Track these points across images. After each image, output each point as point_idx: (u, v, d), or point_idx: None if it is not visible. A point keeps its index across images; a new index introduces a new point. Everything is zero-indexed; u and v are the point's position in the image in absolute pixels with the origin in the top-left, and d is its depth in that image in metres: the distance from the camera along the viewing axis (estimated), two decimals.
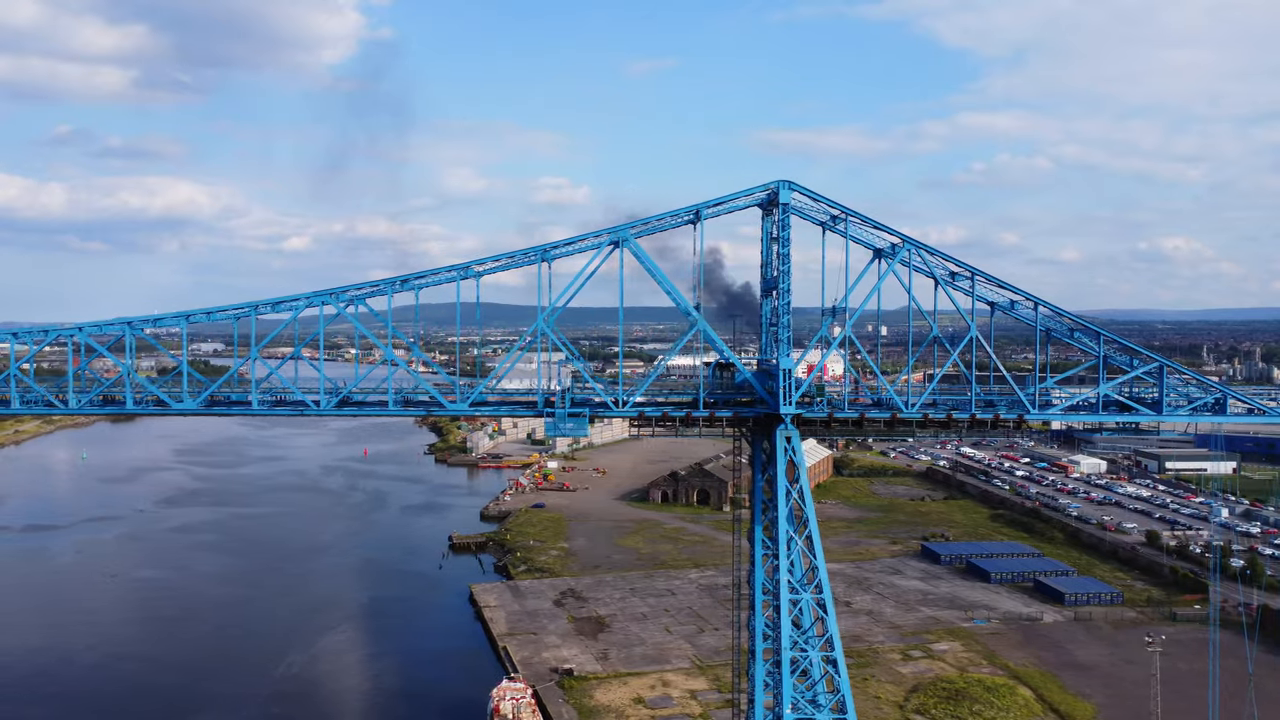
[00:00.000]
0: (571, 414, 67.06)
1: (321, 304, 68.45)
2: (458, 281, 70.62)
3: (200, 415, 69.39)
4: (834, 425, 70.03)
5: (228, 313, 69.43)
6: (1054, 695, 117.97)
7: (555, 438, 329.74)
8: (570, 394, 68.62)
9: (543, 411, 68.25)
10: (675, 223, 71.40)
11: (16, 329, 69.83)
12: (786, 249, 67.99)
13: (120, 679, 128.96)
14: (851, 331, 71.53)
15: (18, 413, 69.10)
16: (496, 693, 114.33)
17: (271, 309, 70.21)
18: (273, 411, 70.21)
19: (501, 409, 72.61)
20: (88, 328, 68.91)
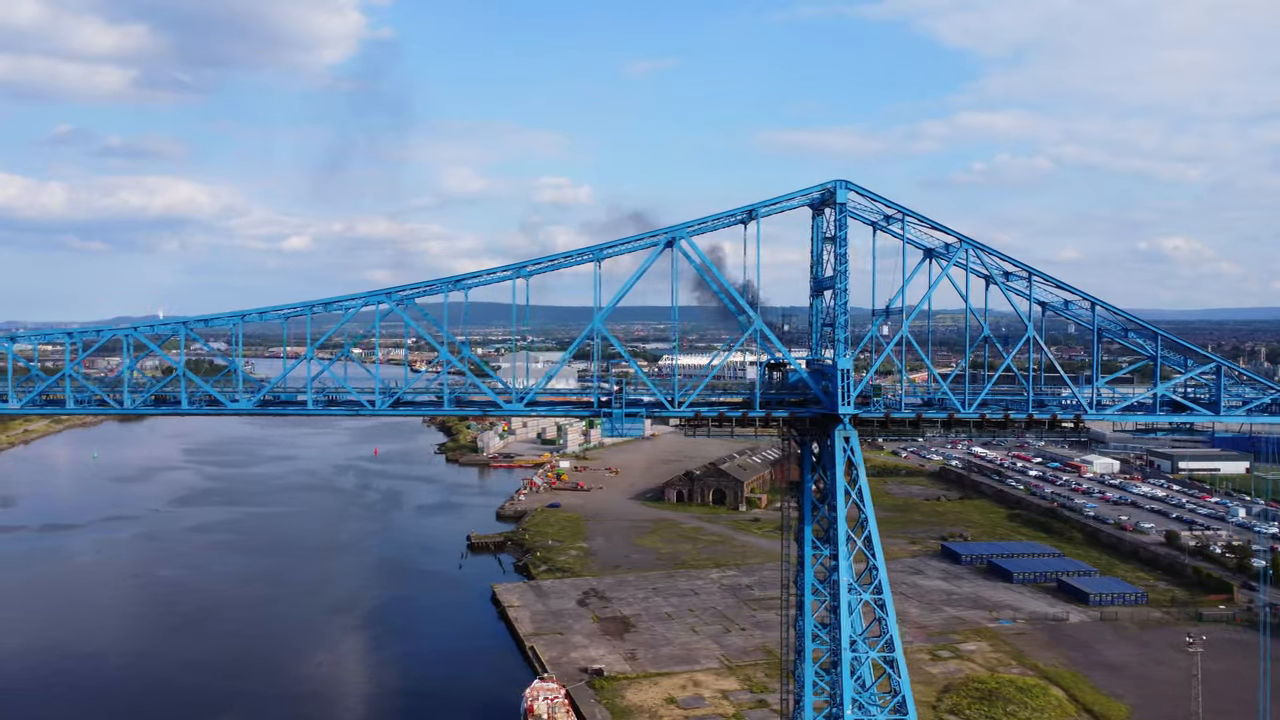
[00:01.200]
0: (628, 414, 66.83)
1: (377, 303, 68.26)
2: (513, 281, 70.36)
3: (254, 415, 69.21)
4: (890, 425, 69.82)
5: (281, 312, 69.20)
6: (1086, 696, 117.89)
7: (563, 438, 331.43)
8: (625, 394, 68.40)
9: (599, 412, 68.03)
10: (728, 222, 71.24)
11: (71, 328, 69.55)
12: (844, 249, 67.76)
13: (148, 678, 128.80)
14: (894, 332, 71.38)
15: (72, 412, 68.90)
16: (529, 693, 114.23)
17: (325, 308, 70.01)
18: (326, 411, 70.02)
19: (557, 409, 72.50)
20: (142, 327, 68.73)
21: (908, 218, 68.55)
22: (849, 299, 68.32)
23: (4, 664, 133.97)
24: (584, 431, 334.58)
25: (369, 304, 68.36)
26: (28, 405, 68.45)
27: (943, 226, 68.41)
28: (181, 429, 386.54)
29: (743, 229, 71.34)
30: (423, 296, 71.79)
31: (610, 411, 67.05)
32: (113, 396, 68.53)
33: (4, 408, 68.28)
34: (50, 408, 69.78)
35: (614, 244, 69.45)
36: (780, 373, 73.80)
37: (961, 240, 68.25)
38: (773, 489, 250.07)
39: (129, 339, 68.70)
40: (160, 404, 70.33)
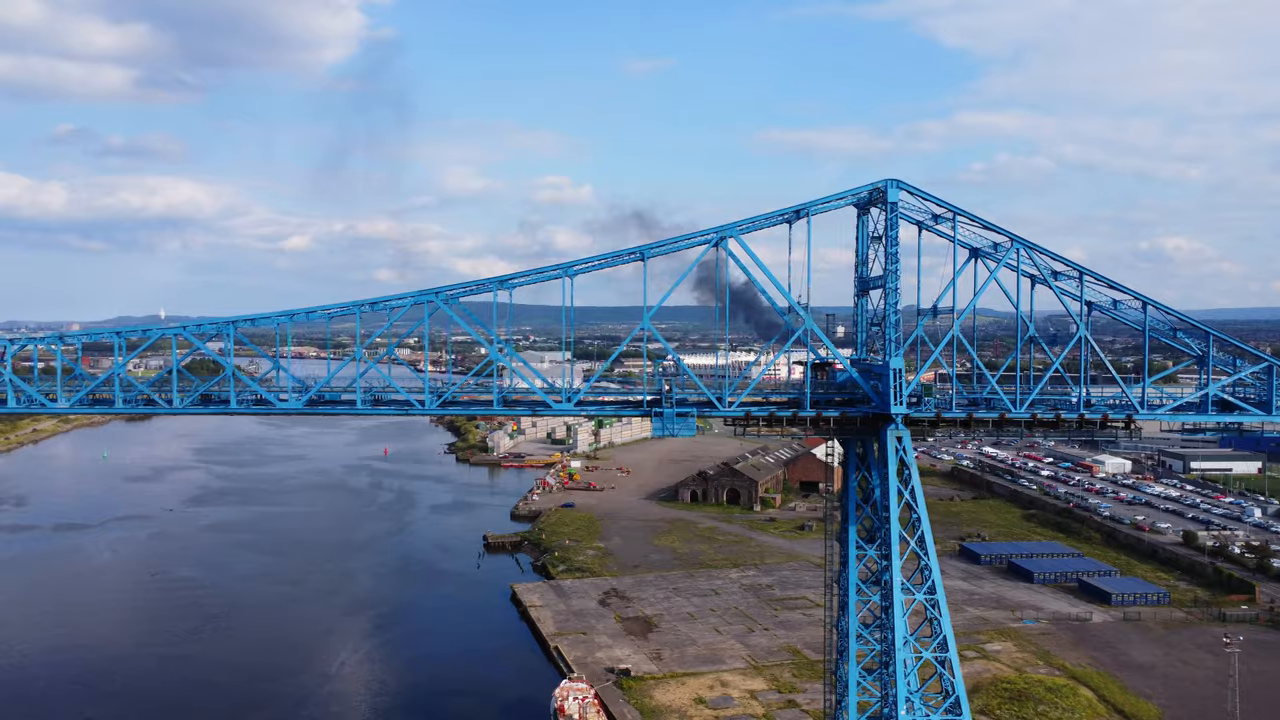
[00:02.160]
0: (680, 414, 66.69)
1: (427, 302, 68.11)
2: (564, 280, 70.25)
3: (304, 414, 69.09)
4: (941, 425, 69.67)
5: (330, 311, 69.08)
6: (1115, 696, 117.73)
7: (573, 438, 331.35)
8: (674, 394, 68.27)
9: (649, 412, 67.86)
10: (775, 221, 71.12)
11: (120, 328, 69.38)
12: (895, 248, 67.63)
13: (178, 678, 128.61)
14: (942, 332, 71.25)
15: (119, 411, 68.70)
16: (559, 692, 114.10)
17: (371, 308, 69.88)
18: (375, 411, 69.83)
19: (608, 409, 72.32)
20: (190, 326, 68.59)
21: (959, 217, 68.32)
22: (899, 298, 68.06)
23: (32, 664, 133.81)
24: (594, 431, 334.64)
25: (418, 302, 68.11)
26: (76, 404, 68.33)
27: (995, 226, 68.33)
28: (189, 429, 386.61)
29: (787, 228, 71.33)
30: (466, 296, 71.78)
31: (661, 411, 66.82)
32: (162, 397, 68.39)
33: (53, 406, 68.17)
34: (99, 407, 69.64)
35: (662, 243, 69.34)
36: (825, 372, 73.67)
37: (1013, 240, 68.10)
38: (786, 489, 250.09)
39: (175, 338, 68.57)
40: (207, 403, 70.14)
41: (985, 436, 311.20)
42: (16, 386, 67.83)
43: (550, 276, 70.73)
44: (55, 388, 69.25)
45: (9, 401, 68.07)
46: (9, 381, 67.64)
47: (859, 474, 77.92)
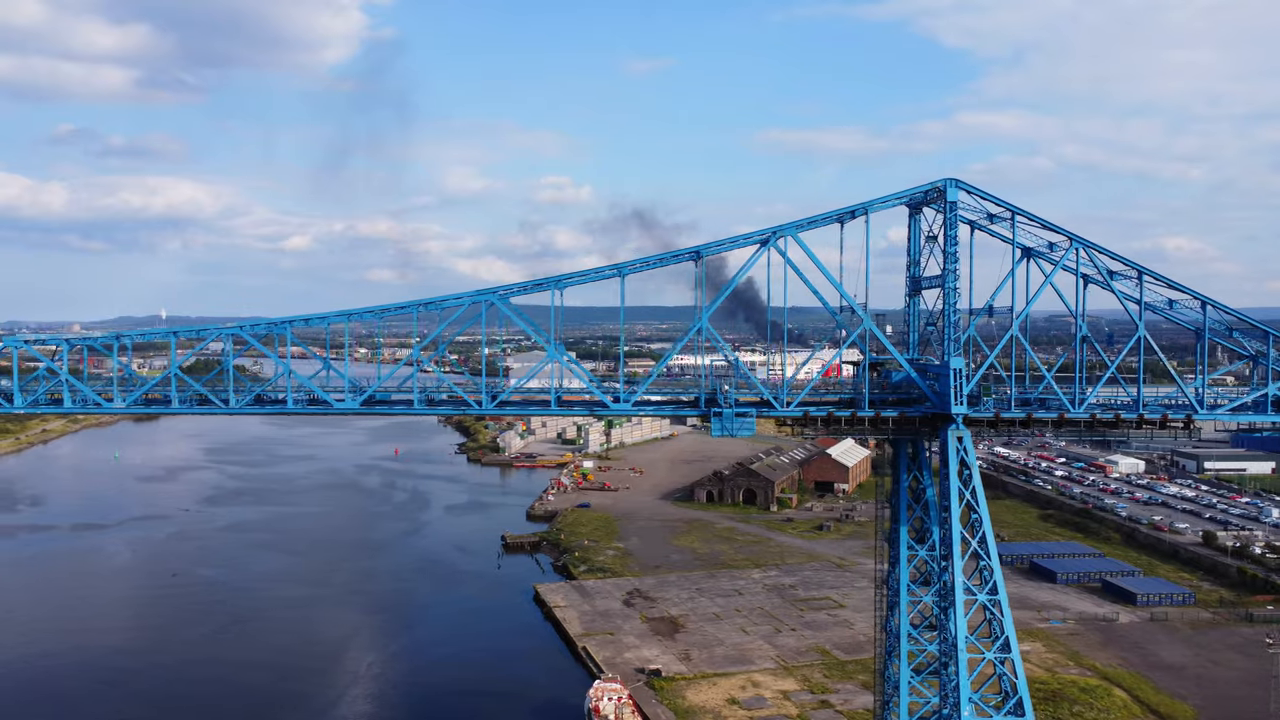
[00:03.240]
0: (739, 413, 66.51)
1: (485, 302, 67.92)
2: (619, 280, 70.07)
3: (360, 414, 68.95)
4: (1000, 425, 69.48)
5: (389, 311, 68.88)
6: (1149, 697, 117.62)
7: (584, 438, 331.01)
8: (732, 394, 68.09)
9: (708, 412, 67.66)
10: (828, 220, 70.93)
11: (177, 328, 69.19)
12: (954, 248, 67.48)
13: (206, 678, 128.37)
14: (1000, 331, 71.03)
15: (175, 412, 68.55)
16: (594, 692, 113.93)
17: (425, 308, 69.69)
18: (433, 410, 69.67)
19: (665, 409, 72.16)
20: (246, 326, 68.41)
21: (1017, 216, 68.15)
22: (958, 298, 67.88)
23: (61, 663, 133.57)
24: (605, 431, 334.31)
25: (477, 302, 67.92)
26: (132, 404, 68.13)
27: (1054, 225, 68.10)
28: (196, 429, 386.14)
29: (838, 228, 71.15)
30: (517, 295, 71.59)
31: (720, 411, 66.63)
32: (219, 397, 68.17)
33: (109, 406, 67.98)
34: (155, 407, 69.42)
35: (720, 243, 69.14)
36: (878, 372, 73.48)
37: (1073, 240, 67.91)
38: (801, 489, 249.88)
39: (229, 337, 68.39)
40: (261, 404, 69.94)
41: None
42: (73, 386, 67.61)
43: (605, 276, 70.60)
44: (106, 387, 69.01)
45: (65, 401, 67.89)
46: (65, 381, 67.44)
47: (910, 474, 77.83)
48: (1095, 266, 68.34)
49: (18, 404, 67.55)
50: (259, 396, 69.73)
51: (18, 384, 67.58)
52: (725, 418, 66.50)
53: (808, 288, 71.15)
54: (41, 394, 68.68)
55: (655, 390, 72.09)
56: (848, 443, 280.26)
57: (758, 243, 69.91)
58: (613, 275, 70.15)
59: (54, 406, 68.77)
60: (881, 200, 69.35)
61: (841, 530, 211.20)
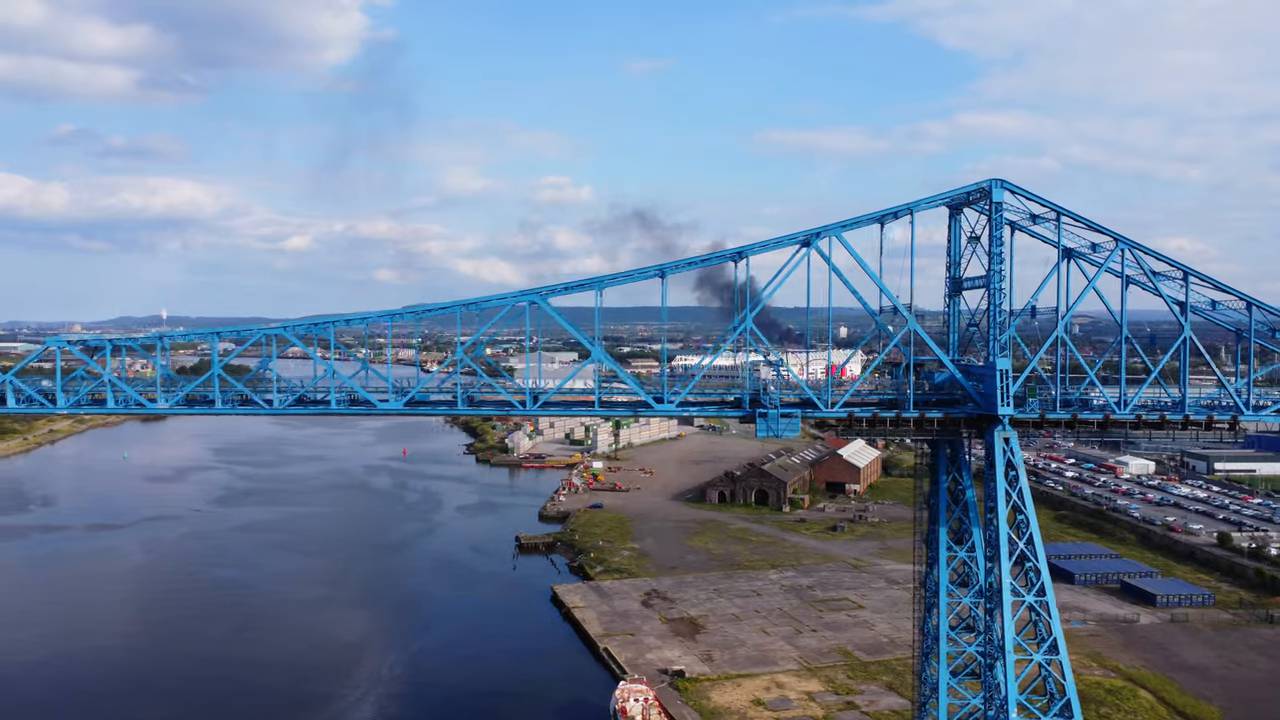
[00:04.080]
0: (783, 414, 66.34)
1: (530, 302, 67.79)
2: (662, 279, 69.94)
3: (403, 415, 68.78)
4: (1045, 426, 69.34)
5: (431, 312, 68.75)
6: (1175, 698, 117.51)
7: (592, 439, 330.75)
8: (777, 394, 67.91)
9: (752, 413, 67.49)
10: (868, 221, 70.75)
11: (219, 328, 69.02)
12: (1000, 248, 67.32)
13: (228, 678, 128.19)
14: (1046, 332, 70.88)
15: (219, 413, 68.32)
16: (620, 694, 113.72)
17: (468, 308, 69.52)
18: (475, 411, 69.44)
19: (708, 409, 71.99)
20: (291, 325, 68.25)
21: (1063, 217, 68.02)
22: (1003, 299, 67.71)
23: (83, 662, 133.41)
24: (612, 432, 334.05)
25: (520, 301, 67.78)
26: (175, 406, 67.94)
27: (1099, 226, 67.94)
28: (203, 429, 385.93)
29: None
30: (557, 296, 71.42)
31: (765, 412, 66.46)
32: (263, 398, 68.03)
33: (151, 407, 67.81)
34: (199, 408, 69.20)
35: (765, 243, 69.00)
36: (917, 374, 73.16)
37: (1118, 240, 67.76)
38: (812, 490, 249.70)
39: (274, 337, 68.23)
40: (304, 405, 69.74)
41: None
42: (116, 387, 67.44)
43: (647, 276, 70.44)
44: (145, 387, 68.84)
45: (108, 402, 67.71)
46: (109, 382, 67.27)
47: (949, 475, 77.69)
48: (1141, 268, 68.13)
49: (60, 404, 67.38)
50: (301, 398, 69.49)
51: (60, 384, 67.37)
52: (770, 418, 66.31)
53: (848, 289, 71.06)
54: (84, 394, 68.46)
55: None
56: (858, 443, 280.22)
57: (798, 243, 69.74)
58: (655, 275, 70.00)
59: (96, 407, 68.55)
60: (928, 200, 69.25)
61: (855, 531, 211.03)
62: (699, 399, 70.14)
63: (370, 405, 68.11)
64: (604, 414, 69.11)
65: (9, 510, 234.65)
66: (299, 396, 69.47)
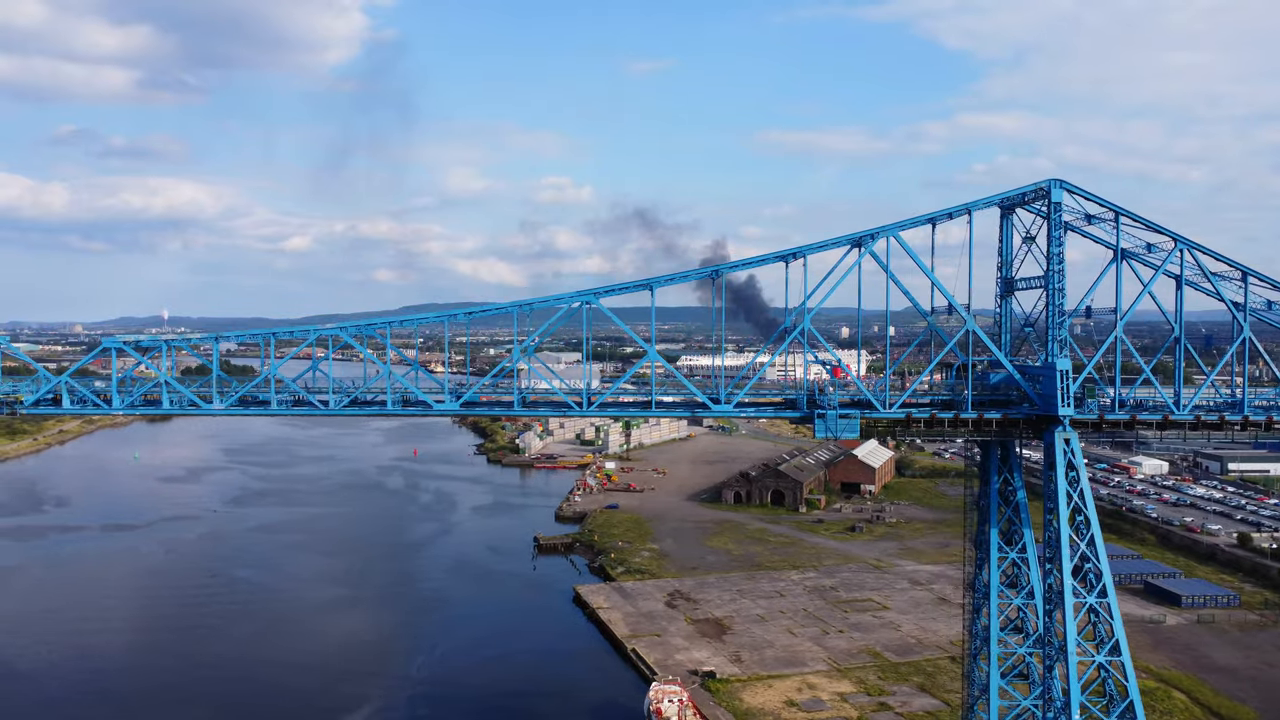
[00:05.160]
0: (843, 415, 66.16)
1: (584, 304, 67.61)
2: (712, 280, 69.78)
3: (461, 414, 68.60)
4: (1105, 427, 69.19)
5: (488, 311, 68.58)
6: (1209, 699, 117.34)
7: (603, 439, 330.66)
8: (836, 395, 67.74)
9: (811, 414, 67.28)
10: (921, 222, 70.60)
11: (276, 329, 68.81)
12: (1059, 248, 67.13)
13: (255, 680, 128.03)
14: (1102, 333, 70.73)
15: (274, 413, 68.08)
16: (654, 694, 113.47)
17: (524, 309, 69.34)
18: (531, 413, 69.29)
19: (765, 410, 71.83)
20: (349, 326, 68.05)
21: (1123, 217, 67.85)
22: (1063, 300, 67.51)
23: (112, 666, 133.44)
24: (623, 432, 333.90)
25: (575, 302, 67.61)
26: (232, 406, 67.72)
27: (1158, 226, 67.77)
28: (211, 429, 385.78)
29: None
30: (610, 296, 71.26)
31: (824, 413, 66.28)
32: (318, 399, 67.82)
33: (208, 408, 67.54)
34: (255, 409, 69.00)
35: (824, 244, 68.82)
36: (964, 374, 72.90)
37: (1177, 241, 67.59)
38: (827, 490, 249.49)
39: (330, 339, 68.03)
40: (358, 406, 69.53)
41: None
42: (171, 388, 67.21)
43: (702, 275, 70.34)
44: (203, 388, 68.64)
45: (164, 403, 67.48)
46: (164, 383, 67.04)
47: (1000, 476, 77.56)
48: (1200, 268, 67.95)
49: (116, 405, 67.17)
50: (355, 399, 69.24)
51: (115, 385, 67.18)
52: (829, 419, 66.14)
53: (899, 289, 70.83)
54: (138, 395, 68.25)
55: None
56: (872, 444, 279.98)
57: (849, 244, 69.57)
58: (711, 275, 69.85)
59: (151, 408, 68.33)
60: (985, 200, 69.11)
61: (874, 532, 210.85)
62: (755, 400, 69.90)
63: (426, 406, 67.93)
64: (660, 414, 68.90)
65: (25, 511, 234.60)
66: (353, 399, 69.23)
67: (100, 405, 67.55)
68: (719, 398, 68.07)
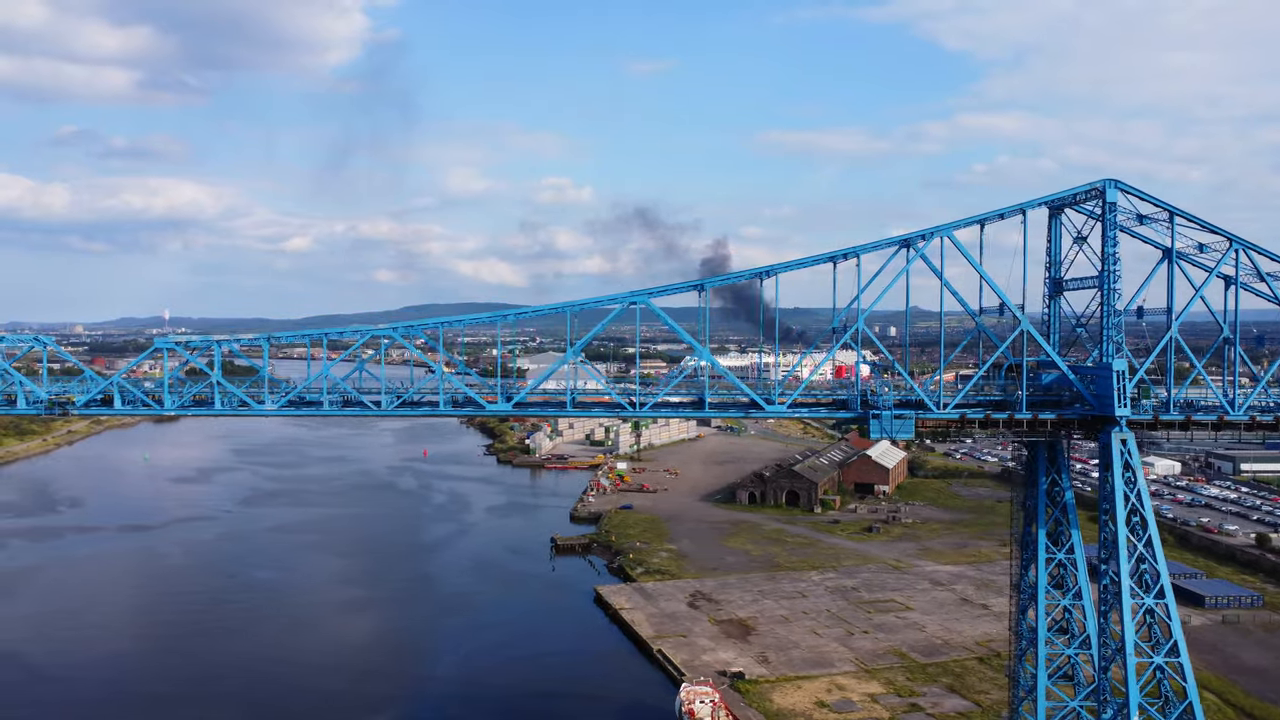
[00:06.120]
0: (897, 416, 66.00)
1: (640, 305, 67.44)
2: (761, 281, 69.64)
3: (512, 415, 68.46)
4: (1159, 427, 69.06)
5: (542, 311, 68.45)
6: (1240, 700, 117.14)
7: (613, 439, 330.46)
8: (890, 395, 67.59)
9: (865, 414, 67.13)
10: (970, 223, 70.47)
11: (327, 329, 68.62)
12: (1115, 248, 67.02)
13: (281, 680, 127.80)
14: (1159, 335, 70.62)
15: (326, 414, 67.87)
16: (685, 695, 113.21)
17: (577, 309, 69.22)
18: (583, 414, 69.12)
19: (819, 410, 71.63)
20: (400, 327, 67.89)
21: (1179, 217, 67.72)
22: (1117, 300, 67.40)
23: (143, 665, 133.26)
24: (633, 432, 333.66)
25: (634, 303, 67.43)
26: (284, 407, 67.52)
27: (1213, 226, 67.65)
28: (220, 430, 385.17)
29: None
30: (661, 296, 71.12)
31: (879, 414, 66.11)
32: (370, 399, 67.62)
33: (258, 409, 67.37)
34: (307, 410, 68.83)
35: (877, 244, 68.80)
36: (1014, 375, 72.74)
37: (1232, 241, 67.48)
38: (841, 491, 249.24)
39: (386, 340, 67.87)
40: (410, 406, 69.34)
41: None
42: (224, 388, 67.02)
43: (753, 275, 70.20)
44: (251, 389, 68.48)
45: (215, 404, 67.28)
46: (215, 384, 66.84)
47: (1047, 477, 77.42)
48: (1255, 269, 67.83)
49: (168, 406, 66.96)
50: (406, 400, 69.01)
51: (167, 386, 66.97)
52: (884, 419, 65.97)
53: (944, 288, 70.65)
54: (188, 396, 68.06)
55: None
56: (884, 444, 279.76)
57: (897, 244, 69.44)
58: (762, 275, 69.70)
59: (202, 408, 68.11)
60: (1040, 200, 68.96)
61: (890, 532, 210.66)
62: (807, 400, 69.72)
63: (478, 406, 67.74)
64: (712, 415, 68.71)
65: (40, 511, 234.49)
66: (404, 400, 68.99)
67: (152, 405, 67.36)
68: (771, 398, 67.88)
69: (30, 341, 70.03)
